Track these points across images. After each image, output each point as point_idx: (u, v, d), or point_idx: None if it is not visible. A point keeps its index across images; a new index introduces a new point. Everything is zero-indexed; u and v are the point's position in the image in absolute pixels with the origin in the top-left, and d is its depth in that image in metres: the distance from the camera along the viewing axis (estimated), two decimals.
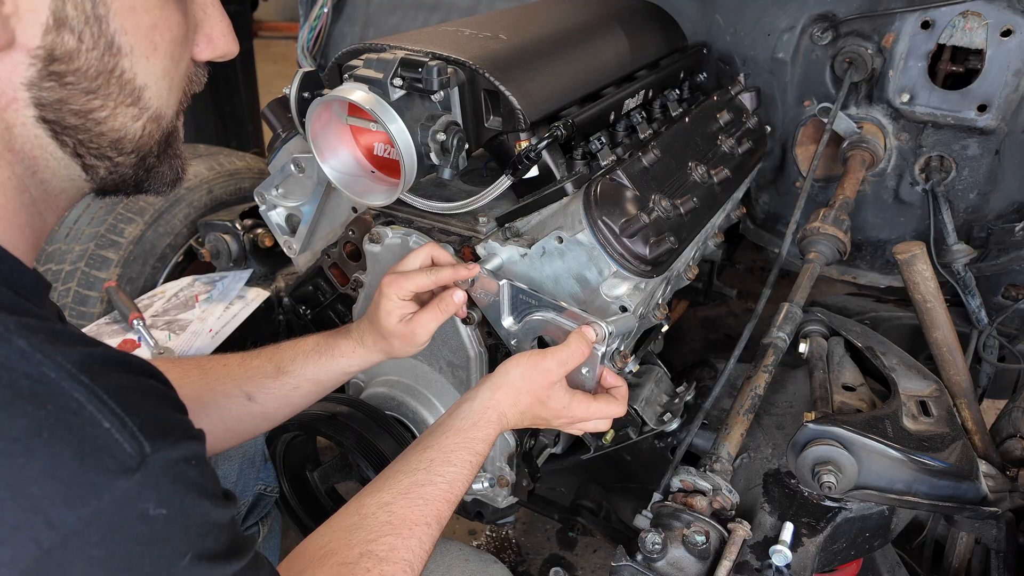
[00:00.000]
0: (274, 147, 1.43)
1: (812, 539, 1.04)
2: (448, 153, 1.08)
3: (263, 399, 1.05)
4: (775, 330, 1.20)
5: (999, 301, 1.59)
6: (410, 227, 1.21)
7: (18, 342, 0.50)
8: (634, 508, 1.04)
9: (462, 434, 0.91)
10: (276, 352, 1.09)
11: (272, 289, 1.59)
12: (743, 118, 1.51)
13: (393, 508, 0.81)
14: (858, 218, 1.70)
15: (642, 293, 1.12)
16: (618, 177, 1.11)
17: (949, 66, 1.50)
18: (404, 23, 2.02)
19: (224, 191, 1.81)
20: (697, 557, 0.93)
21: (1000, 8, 1.40)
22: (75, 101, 0.58)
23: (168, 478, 0.53)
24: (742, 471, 1.16)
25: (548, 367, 0.96)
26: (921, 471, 1.03)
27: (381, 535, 0.78)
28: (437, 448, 0.89)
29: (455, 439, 0.90)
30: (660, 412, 1.35)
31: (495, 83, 1.09)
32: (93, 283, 1.61)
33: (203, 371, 1.05)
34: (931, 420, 1.11)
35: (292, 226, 1.46)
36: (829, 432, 1.03)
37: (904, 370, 1.21)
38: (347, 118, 1.10)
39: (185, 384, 1.03)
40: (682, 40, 1.68)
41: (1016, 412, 1.22)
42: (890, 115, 1.57)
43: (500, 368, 0.98)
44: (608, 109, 1.31)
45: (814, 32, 1.58)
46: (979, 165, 1.53)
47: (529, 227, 1.17)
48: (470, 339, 1.20)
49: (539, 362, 0.96)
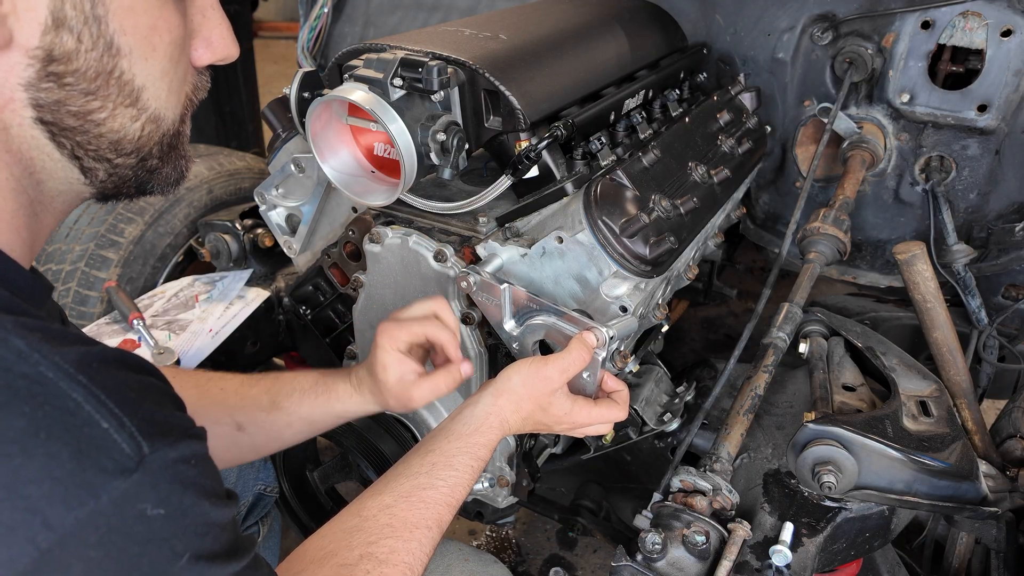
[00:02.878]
0: (274, 147, 1.43)
1: (812, 539, 1.04)
2: (448, 153, 1.08)
3: (253, 431, 1.04)
4: (775, 330, 1.20)
5: (999, 301, 1.59)
6: (410, 227, 1.21)
7: (15, 342, 0.50)
8: (634, 508, 1.04)
9: (464, 439, 0.91)
10: (274, 384, 1.07)
11: (272, 289, 1.59)
12: (743, 118, 1.51)
13: (394, 511, 0.81)
14: (858, 218, 1.70)
15: (642, 293, 1.12)
16: (618, 177, 1.11)
17: (949, 66, 1.50)
18: (404, 23, 2.02)
19: (224, 191, 1.81)
20: (697, 557, 0.93)
21: (1000, 8, 1.40)
22: (73, 102, 0.57)
23: (166, 478, 0.53)
24: (742, 471, 1.16)
25: (549, 375, 0.96)
26: (921, 471, 1.03)
27: (382, 537, 0.78)
28: (439, 452, 0.89)
29: (457, 444, 0.90)
30: (660, 412, 1.35)
31: (495, 83, 1.09)
32: (93, 283, 1.61)
33: (200, 391, 1.04)
34: (931, 420, 1.11)
35: (292, 226, 1.46)
36: (829, 432, 1.03)
37: (904, 370, 1.21)
38: (347, 118, 1.09)
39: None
40: (682, 40, 1.68)
41: (1016, 412, 1.22)
42: (890, 115, 1.57)
43: (502, 374, 0.98)
44: (608, 109, 1.31)
45: (814, 32, 1.58)
46: (979, 165, 1.53)
47: (529, 227, 1.17)
48: (470, 339, 1.20)
49: (541, 369, 0.96)
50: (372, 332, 1.30)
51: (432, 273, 1.17)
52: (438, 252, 1.15)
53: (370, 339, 1.30)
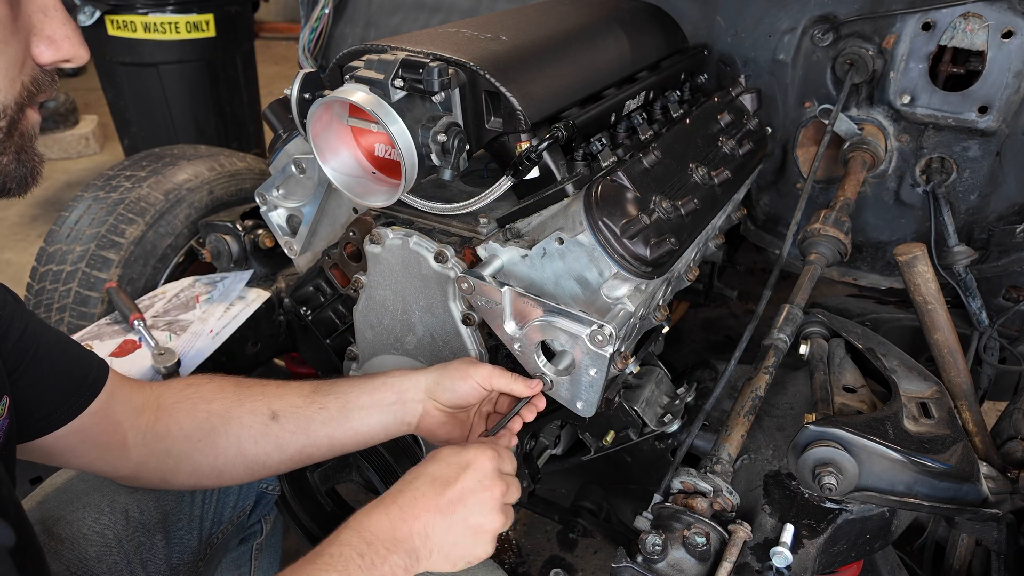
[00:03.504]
0: (275, 148, 1.43)
1: (813, 541, 1.04)
2: (449, 154, 1.08)
3: (285, 419, 1.04)
4: (776, 331, 1.20)
5: (1000, 303, 1.59)
6: (411, 228, 1.21)
7: None
8: (634, 509, 1.04)
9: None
10: (323, 384, 1.09)
11: (273, 290, 1.59)
12: (744, 119, 1.51)
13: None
14: (859, 220, 1.70)
15: (643, 294, 1.12)
16: (619, 178, 1.11)
17: (950, 68, 1.50)
18: (405, 24, 2.02)
19: (225, 192, 1.81)
20: (697, 559, 0.93)
21: (1001, 10, 1.40)
22: None
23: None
24: (743, 472, 1.16)
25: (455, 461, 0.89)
26: (922, 473, 1.03)
27: None
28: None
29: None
30: (661, 413, 1.35)
31: (496, 84, 1.09)
32: (94, 284, 1.61)
33: (239, 387, 1.06)
34: (932, 422, 1.11)
35: (293, 227, 1.46)
36: (830, 434, 1.03)
37: (905, 372, 1.21)
38: (348, 119, 1.10)
39: (217, 399, 1.04)
40: (683, 41, 1.68)
41: (1017, 414, 1.21)
42: (891, 117, 1.57)
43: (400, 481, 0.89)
44: (609, 110, 1.31)
45: (815, 34, 1.58)
46: (980, 167, 1.53)
47: (530, 228, 1.17)
48: (471, 340, 1.20)
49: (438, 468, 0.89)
50: (372, 333, 1.31)
51: (433, 274, 1.17)
52: (439, 253, 1.15)
53: (370, 340, 1.31)
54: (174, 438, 1.02)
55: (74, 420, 0.95)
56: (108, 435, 0.99)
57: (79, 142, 4.53)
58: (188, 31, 3.10)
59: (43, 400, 0.92)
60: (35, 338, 0.91)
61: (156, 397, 1.04)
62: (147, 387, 1.06)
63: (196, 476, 1.05)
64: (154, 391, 1.05)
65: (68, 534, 1.02)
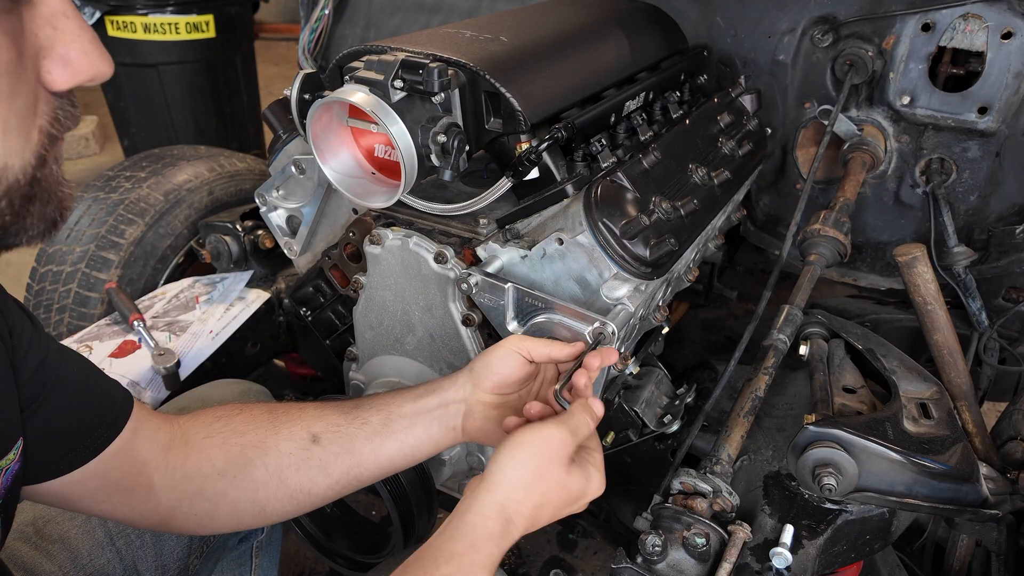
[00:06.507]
0: (275, 149, 1.43)
1: (812, 541, 1.04)
2: (449, 155, 1.08)
3: (327, 440, 0.96)
4: (776, 332, 1.20)
5: (1000, 303, 1.59)
6: (411, 229, 1.21)
7: None
8: (634, 510, 1.04)
9: (456, 560, 0.74)
10: (363, 399, 1.02)
11: (273, 291, 1.59)
12: (743, 120, 1.51)
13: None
14: (859, 220, 1.70)
15: (642, 295, 1.12)
16: (618, 179, 1.11)
17: (950, 68, 1.50)
18: (405, 25, 2.02)
19: (225, 192, 1.81)
20: (697, 559, 0.93)
21: (1001, 11, 1.40)
22: None
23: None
24: (742, 473, 1.16)
25: (556, 438, 0.82)
26: (922, 473, 1.03)
27: None
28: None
29: (446, 570, 0.73)
30: (660, 414, 1.34)
31: (496, 85, 1.09)
32: (94, 284, 1.61)
33: (273, 414, 0.98)
34: (932, 422, 1.11)
35: (293, 228, 1.46)
36: (829, 434, 1.03)
37: (905, 372, 1.21)
38: (348, 120, 1.10)
39: (250, 430, 0.96)
40: (683, 42, 1.68)
41: (1017, 415, 1.21)
42: (891, 117, 1.57)
43: (492, 462, 0.82)
44: (609, 111, 1.31)
45: (815, 34, 1.58)
46: (980, 167, 1.53)
47: (529, 229, 1.17)
48: (470, 341, 1.20)
49: (544, 440, 0.82)
50: (372, 334, 1.31)
51: (432, 275, 1.17)
52: (438, 254, 1.15)
53: (370, 340, 1.31)
54: (206, 476, 0.92)
55: (92, 460, 0.84)
56: (132, 477, 0.88)
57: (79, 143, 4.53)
58: (188, 32, 3.10)
59: (58, 438, 0.81)
60: (54, 370, 0.81)
61: (183, 433, 0.94)
62: (174, 422, 0.95)
63: (236, 516, 0.95)
64: (181, 426, 0.95)
65: (59, 534, 1.00)
